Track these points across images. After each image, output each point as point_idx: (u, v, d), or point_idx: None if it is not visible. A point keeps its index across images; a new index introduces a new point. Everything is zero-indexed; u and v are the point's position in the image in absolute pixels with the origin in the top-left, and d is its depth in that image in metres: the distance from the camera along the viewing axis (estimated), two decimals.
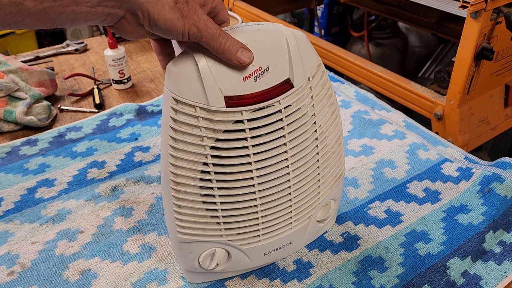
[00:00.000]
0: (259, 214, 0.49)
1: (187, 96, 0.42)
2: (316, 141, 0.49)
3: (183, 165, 0.44)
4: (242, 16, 1.36)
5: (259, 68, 0.43)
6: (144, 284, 0.54)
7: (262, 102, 0.44)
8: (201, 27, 0.40)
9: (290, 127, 0.46)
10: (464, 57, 0.93)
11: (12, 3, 0.34)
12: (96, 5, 0.37)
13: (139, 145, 0.78)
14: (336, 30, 1.93)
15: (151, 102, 0.92)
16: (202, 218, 0.48)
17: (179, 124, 0.43)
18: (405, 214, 0.63)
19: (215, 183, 0.46)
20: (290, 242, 0.54)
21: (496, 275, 0.54)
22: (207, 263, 0.51)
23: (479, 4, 0.85)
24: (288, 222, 0.52)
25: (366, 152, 0.75)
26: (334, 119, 0.51)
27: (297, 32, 0.45)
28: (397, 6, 1.45)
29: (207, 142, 0.44)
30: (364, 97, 0.90)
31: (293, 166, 0.48)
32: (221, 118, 0.43)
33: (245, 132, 0.44)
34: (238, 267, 0.54)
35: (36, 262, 0.58)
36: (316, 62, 0.47)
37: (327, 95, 0.49)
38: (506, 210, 0.62)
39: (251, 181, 0.46)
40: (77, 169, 0.73)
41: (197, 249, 0.50)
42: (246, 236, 0.50)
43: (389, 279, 0.54)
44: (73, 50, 1.12)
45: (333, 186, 0.55)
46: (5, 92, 0.83)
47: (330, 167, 0.53)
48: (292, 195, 0.50)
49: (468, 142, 1.04)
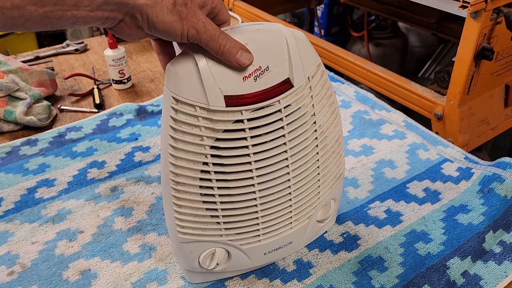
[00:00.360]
0: (259, 214, 0.49)
1: (187, 95, 0.42)
2: (316, 141, 0.49)
3: (183, 165, 0.44)
4: (242, 16, 1.36)
5: (259, 68, 0.43)
6: (144, 284, 0.54)
7: (262, 102, 0.44)
8: (200, 29, 0.40)
9: (290, 126, 0.46)
10: (464, 57, 0.93)
11: (14, 7, 0.34)
12: (96, 9, 0.37)
13: (139, 145, 0.78)
14: (336, 30, 1.93)
15: (151, 102, 0.92)
16: (202, 218, 0.48)
17: (179, 124, 0.43)
18: (405, 214, 0.63)
19: (215, 183, 0.46)
20: (290, 242, 0.54)
21: (496, 275, 0.54)
22: (207, 263, 0.51)
23: (479, 4, 0.85)
24: (288, 222, 0.52)
25: (366, 152, 0.75)
26: (334, 119, 0.51)
27: (297, 32, 0.46)
28: (397, 6, 1.45)
29: (207, 142, 0.44)
30: (364, 97, 0.90)
31: (293, 166, 0.48)
32: (221, 118, 0.43)
33: (245, 132, 0.44)
34: (238, 267, 0.53)
35: (36, 262, 0.58)
36: (316, 62, 0.47)
37: (326, 94, 0.49)
38: (506, 210, 0.62)
39: (251, 180, 0.46)
40: (77, 169, 0.73)
41: (197, 249, 0.50)
42: (246, 236, 0.50)
43: (389, 279, 0.54)
44: (73, 50, 1.12)
45: (333, 186, 0.55)
46: (5, 92, 0.83)
47: (330, 166, 0.53)
48: (292, 195, 0.50)
49: (468, 142, 1.04)
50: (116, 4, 0.37)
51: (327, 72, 0.92)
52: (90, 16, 0.37)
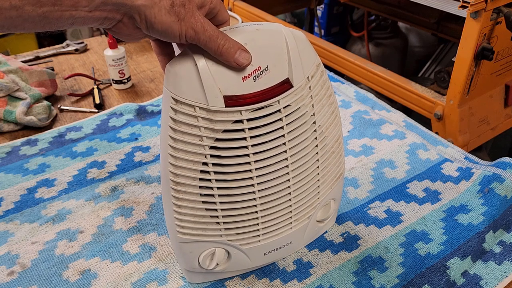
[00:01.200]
0: (258, 214, 0.49)
1: (186, 96, 0.42)
2: (315, 141, 0.49)
3: (183, 165, 0.44)
4: (242, 16, 1.36)
5: (258, 68, 0.43)
6: (144, 284, 0.54)
7: (261, 102, 0.44)
8: (198, 29, 0.40)
9: (290, 126, 0.46)
10: (464, 57, 0.93)
11: (13, 7, 0.34)
12: (94, 9, 0.37)
13: (139, 145, 0.78)
14: (336, 30, 1.93)
15: (151, 102, 0.92)
16: (202, 218, 0.48)
17: (179, 124, 0.43)
18: (405, 214, 0.63)
19: (215, 183, 0.46)
20: (290, 242, 0.54)
21: (496, 275, 0.54)
22: (207, 263, 0.51)
23: (479, 4, 0.85)
24: (288, 222, 0.52)
25: (366, 152, 0.75)
26: (333, 119, 0.51)
27: (297, 32, 0.45)
28: (397, 6, 1.45)
29: (207, 142, 0.44)
30: (364, 97, 0.90)
31: (293, 166, 0.48)
32: (220, 118, 0.43)
33: (245, 132, 0.44)
34: (238, 267, 0.53)
35: (36, 262, 0.58)
36: (316, 62, 0.47)
37: (326, 94, 0.49)
38: (506, 210, 0.62)
39: (250, 181, 0.46)
40: (77, 169, 0.73)
41: (197, 249, 0.50)
42: (246, 236, 0.50)
43: (389, 279, 0.54)
44: (73, 50, 1.12)
45: (333, 186, 0.55)
46: (5, 92, 0.83)
47: (329, 167, 0.53)
48: (292, 195, 0.50)
49: (468, 142, 1.04)
50: (114, 4, 0.38)
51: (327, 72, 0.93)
52: (89, 16, 0.37)
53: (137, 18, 0.39)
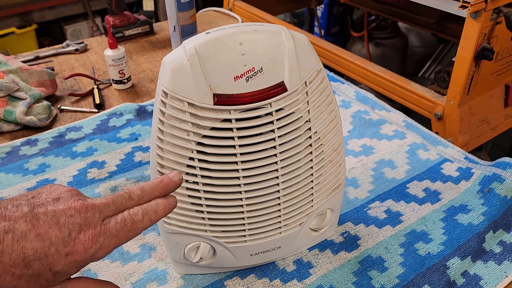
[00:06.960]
0: (245, 215, 0.49)
1: (176, 90, 0.42)
2: (310, 148, 0.48)
3: (170, 158, 0.45)
4: (242, 16, 1.36)
5: (252, 69, 0.42)
6: (144, 284, 0.54)
7: (252, 103, 0.43)
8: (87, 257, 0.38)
9: (281, 130, 0.45)
10: (464, 57, 0.93)
11: None
12: None
13: (139, 145, 0.78)
14: (336, 30, 1.93)
15: (151, 102, 0.92)
16: (187, 211, 0.48)
17: (168, 117, 0.43)
18: (405, 214, 0.63)
19: (200, 179, 0.46)
20: (279, 247, 0.54)
21: (496, 275, 0.54)
22: (192, 256, 0.51)
23: (479, 4, 0.85)
24: (276, 227, 0.51)
25: (366, 152, 0.75)
26: (333, 127, 0.49)
27: (298, 35, 0.45)
28: (397, 6, 1.45)
29: (194, 138, 0.44)
30: (364, 97, 0.90)
31: (283, 171, 0.47)
32: (208, 115, 0.43)
33: (232, 132, 0.44)
34: (224, 264, 0.53)
35: None
36: (316, 68, 0.46)
37: (326, 101, 0.48)
38: (506, 210, 0.62)
39: (236, 180, 0.46)
40: (77, 169, 0.73)
41: (182, 240, 0.50)
42: (231, 235, 0.50)
43: (389, 279, 0.54)
44: (73, 50, 1.12)
45: (330, 196, 0.53)
46: (5, 92, 0.83)
47: (326, 176, 0.51)
48: (281, 200, 0.49)
49: (468, 142, 1.04)
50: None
51: (327, 72, 0.93)
52: None
53: None
